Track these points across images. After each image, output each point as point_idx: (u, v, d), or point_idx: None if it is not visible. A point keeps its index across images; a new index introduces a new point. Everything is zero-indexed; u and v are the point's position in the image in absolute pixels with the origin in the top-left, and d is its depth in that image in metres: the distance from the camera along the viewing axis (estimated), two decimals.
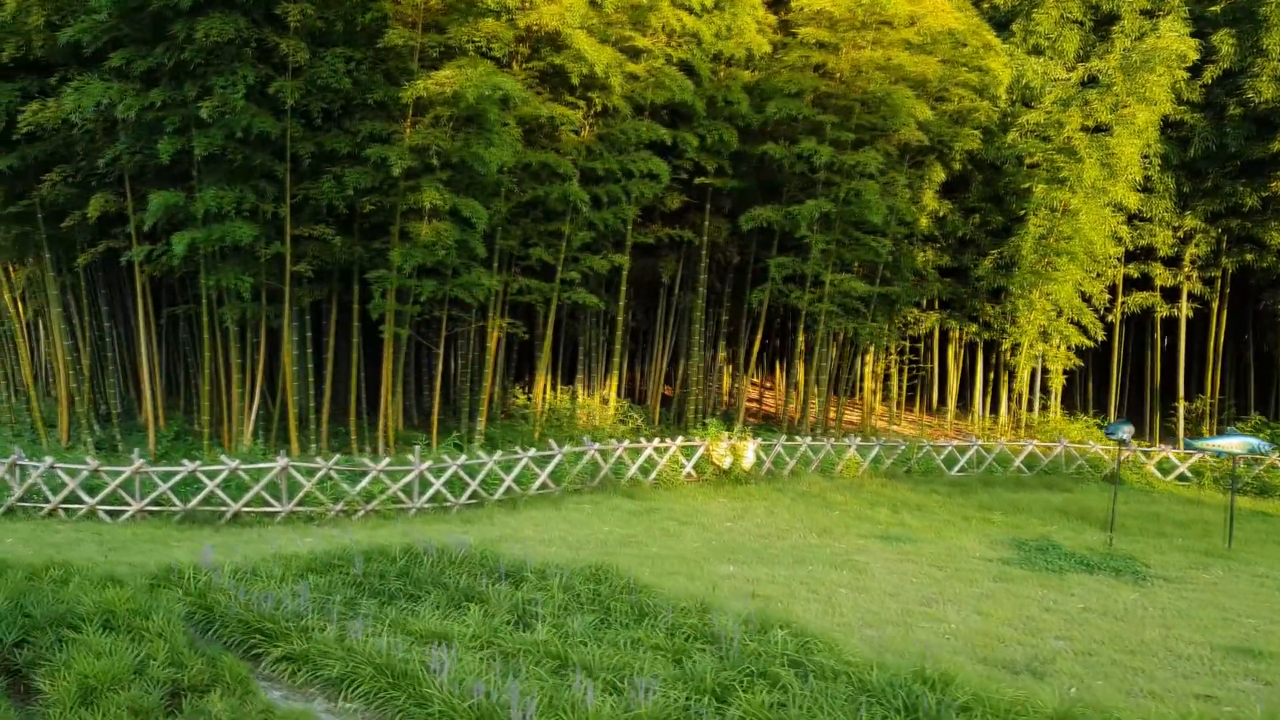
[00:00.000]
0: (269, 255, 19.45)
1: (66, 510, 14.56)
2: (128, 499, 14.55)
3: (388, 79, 18.88)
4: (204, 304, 19.91)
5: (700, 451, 18.87)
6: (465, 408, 23.74)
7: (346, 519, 14.97)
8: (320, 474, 14.99)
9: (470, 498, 16.07)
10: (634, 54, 20.71)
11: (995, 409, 29.71)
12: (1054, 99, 24.33)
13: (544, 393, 24.75)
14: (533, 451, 16.93)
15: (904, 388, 31.42)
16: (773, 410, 31.81)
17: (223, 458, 15.16)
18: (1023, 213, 25.25)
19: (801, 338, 27.08)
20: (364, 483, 15.20)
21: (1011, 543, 14.75)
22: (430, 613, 8.99)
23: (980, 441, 22.97)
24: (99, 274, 23.40)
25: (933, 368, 32.25)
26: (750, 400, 31.02)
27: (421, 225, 19.28)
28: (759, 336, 27.83)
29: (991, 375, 30.10)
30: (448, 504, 15.87)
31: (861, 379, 30.40)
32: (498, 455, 16.53)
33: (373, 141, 18.70)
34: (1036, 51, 25.10)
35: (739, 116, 22.92)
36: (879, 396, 31.32)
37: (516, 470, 16.56)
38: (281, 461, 14.77)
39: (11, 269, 22.96)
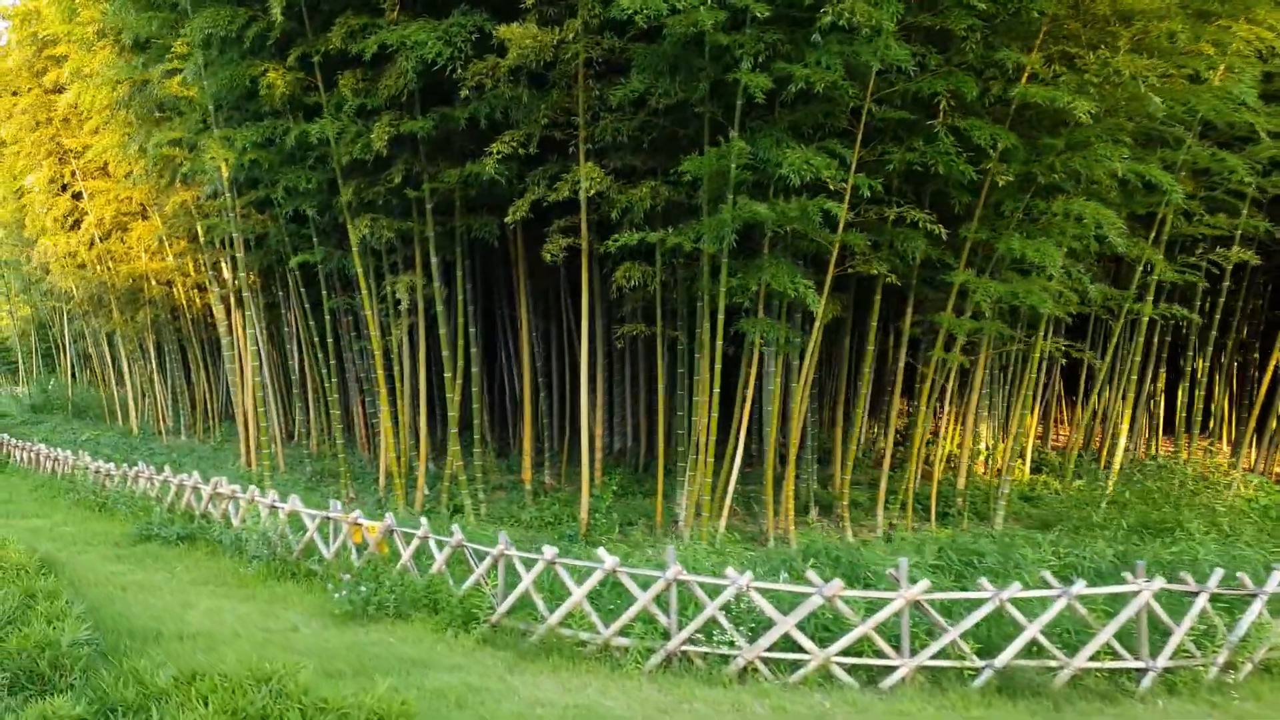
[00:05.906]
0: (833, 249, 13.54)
1: (765, 662, 8.51)
2: (887, 650, 8.42)
3: None
4: (758, 317, 13.95)
5: None
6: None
7: (1234, 674, 8.67)
8: (1198, 606, 8.69)
9: None
10: None
11: None
12: None
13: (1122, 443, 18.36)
14: None
15: None
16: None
17: (1066, 582, 8.84)
18: None
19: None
20: (1248, 618, 8.86)
21: None
22: None
23: None
24: (469, 289, 17.74)
25: None
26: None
27: (1061, 204, 13.13)
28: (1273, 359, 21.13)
29: None
30: None
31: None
32: None
33: (1016, 80, 12.67)
34: None
35: None
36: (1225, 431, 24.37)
37: None
38: (1152, 584, 8.52)
39: (368, 278, 17.34)
